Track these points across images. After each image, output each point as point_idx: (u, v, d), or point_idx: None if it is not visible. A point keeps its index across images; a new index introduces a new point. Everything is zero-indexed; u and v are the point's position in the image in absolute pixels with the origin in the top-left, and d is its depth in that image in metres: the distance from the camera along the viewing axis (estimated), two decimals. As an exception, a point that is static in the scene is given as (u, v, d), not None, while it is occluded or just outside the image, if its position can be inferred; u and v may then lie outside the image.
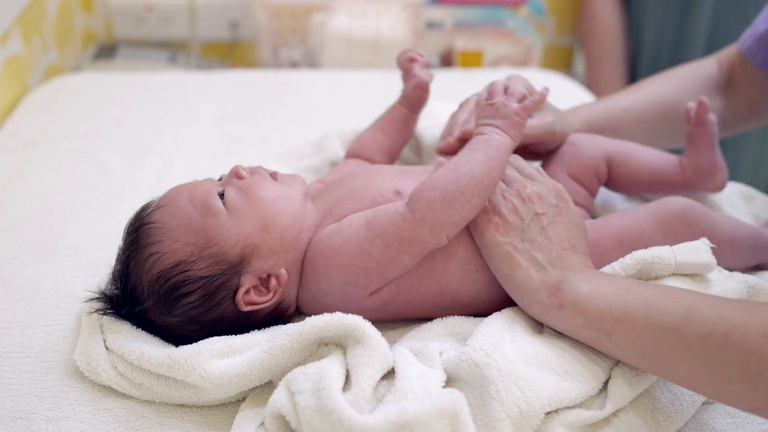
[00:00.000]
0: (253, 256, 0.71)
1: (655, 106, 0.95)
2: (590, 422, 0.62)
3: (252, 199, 0.73)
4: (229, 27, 1.95)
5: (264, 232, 0.71)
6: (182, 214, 0.71)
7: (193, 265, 0.69)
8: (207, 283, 0.69)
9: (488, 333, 0.65)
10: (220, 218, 0.71)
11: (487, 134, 0.73)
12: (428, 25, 1.84)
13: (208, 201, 0.72)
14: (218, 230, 0.70)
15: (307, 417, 0.60)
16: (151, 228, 0.71)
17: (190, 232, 0.70)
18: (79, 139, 1.18)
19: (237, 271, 0.70)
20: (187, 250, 0.69)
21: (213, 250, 0.70)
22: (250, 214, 0.72)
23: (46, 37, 1.54)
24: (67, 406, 0.69)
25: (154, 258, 0.70)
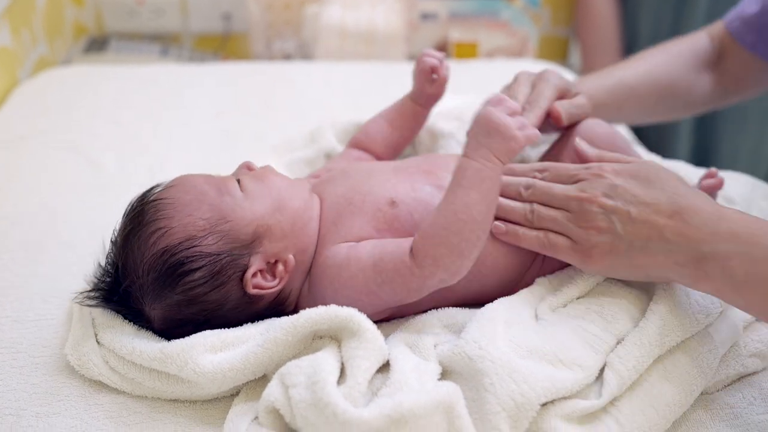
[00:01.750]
0: (265, 237, 0.71)
1: (655, 85, 0.96)
2: (587, 412, 0.62)
3: (267, 183, 0.75)
4: (221, 19, 1.93)
5: (278, 214, 0.72)
6: (197, 190, 0.71)
7: (203, 240, 0.68)
8: (215, 259, 0.68)
9: (482, 325, 0.65)
10: (237, 197, 0.72)
11: (478, 162, 0.68)
12: (423, 16, 1.83)
13: (224, 181, 0.74)
14: (233, 208, 0.71)
15: (301, 410, 0.59)
16: (161, 203, 0.70)
17: (205, 207, 0.70)
18: (69, 133, 1.17)
19: (247, 251, 0.70)
20: (199, 225, 0.69)
21: (226, 227, 0.70)
22: (266, 195, 0.73)
23: (35, 30, 1.52)
24: (57, 402, 0.68)
25: (161, 232, 0.68)
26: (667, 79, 0.97)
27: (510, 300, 0.70)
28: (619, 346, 0.65)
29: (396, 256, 0.68)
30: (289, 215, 0.73)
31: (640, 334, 0.65)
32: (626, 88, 0.94)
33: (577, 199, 0.69)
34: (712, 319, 0.68)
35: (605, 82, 0.94)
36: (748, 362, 0.70)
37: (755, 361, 0.70)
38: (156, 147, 1.15)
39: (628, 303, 0.68)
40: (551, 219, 0.70)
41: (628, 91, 0.94)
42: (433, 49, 0.90)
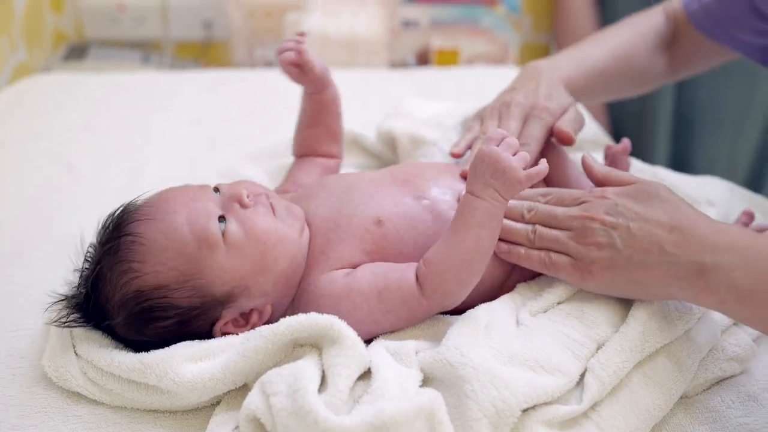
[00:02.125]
0: (242, 296, 0.69)
1: (620, 66, 0.99)
2: (568, 417, 0.62)
3: (253, 240, 0.69)
4: (202, 27, 1.93)
5: (259, 276, 0.69)
6: (177, 237, 0.67)
7: (175, 293, 0.67)
8: (185, 312, 0.67)
9: (463, 331, 0.65)
10: (218, 253, 0.68)
11: (487, 201, 0.68)
12: (404, 23, 1.84)
13: (208, 231, 0.68)
14: (211, 265, 0.67)
15: (282, 419, 0.59)
16: (136, 242, 0.67)
17: (181, 259, 0.67)
18: (47, 140, 1.16)
19: (220, 307, 0.69)
20: (172, 276, 0.67)
21: (199, 283, 0.67)
22: (249, 255, 0.68)
23: (14, 37, 1.51)
24: (35, 414, 0.67)
25: (134, 275, 0.66)
26: (630, 60, 0.99)
27: (491, 306, 0.70)
28: (600, 351, 0.65)
29: (403, 286, 0.68)
30: (272, 277, 0.70)
31: (621, 339, 0.65)
32: (598, 74, 0.96)
33: (578, 218, 0.69)
34: (692, 324, 0.69)
35: (579, 67, 0.95)
36: (726, 366, 0.71)
37: (733, 365, 0.71)
38: (135, 154, 1.14)
39: (609, 309, 0.68)
40: (553, 239, 0.70)
41: (599, 76, 0.97)
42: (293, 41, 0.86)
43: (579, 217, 0.69)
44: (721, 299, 0.63)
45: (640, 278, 0.65)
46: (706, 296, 0.63)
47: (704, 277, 0.63)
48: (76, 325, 0.70)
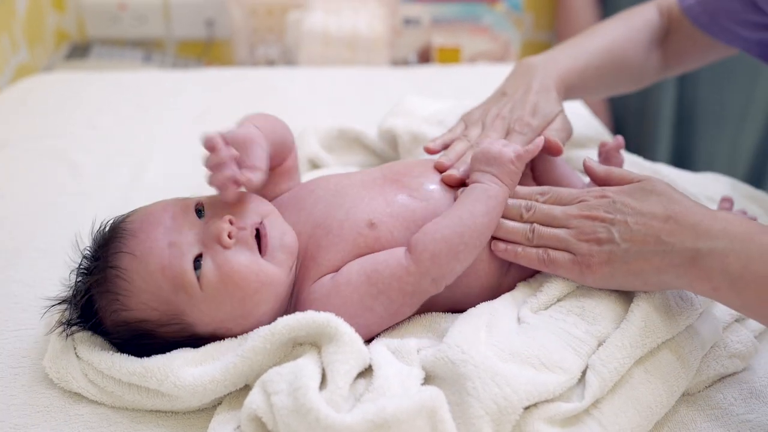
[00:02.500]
0: (227, 334, 0.68)
1: (615, 62, 0.98)
2: (570, 415, 0.62)
3: (230, 287, 0.66)
4: (204, 25, 1.93)
5: (241, 319, 0.67)
6: (151, 281, 0.66)
7: (161, 327, 0.67)
8: (173, 340, 0.68)
9: (463, 329, 0.65)
10: (194, 297, 0.66)
11: (485, 183, 0.72)
12: (405, 21, 1.83)
13: (182, 277, 0.65)
14: (190, 308, 0.66)
15: (283, 417, 0.59)
16: (118, 277, 0.66)
17: (159, 301, 0.66)
18: (50, 139, 1.16)
19: (205, 341, 0.68)
20: (155, 315, 0.67)
21: (184, 320, 0.67)
22: (227, 301, 0.66)
23: (15, 36, 1.51)
24: (36, 413, 0.67)
25: (120, 305, 0.67)
26: (624, 55, 0.99)
27: (492, 304, 0.70)
28: (601, 348, 0.65)
29: (391, 261, 0.68)
30: (254, 319, 0.67)
31: (622, 335, 0.65)
32: (593, 69, 0.96)
33: (577, 217, 0.70)
34: (693, 320, 0.69)
35: (575, 63, 0.95)
36: (728, 363, 0.70)
37: (735, 362, 0.71)
38: (138, 152, 1.14)
39: (609, 305, 0.68)
40: (551, 236, 0.71)
41: (594, 70, 0.96)
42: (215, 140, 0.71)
43: (578, 216, 0.70)
44: (714, 286, 0.63)
45: (637, 269, 0.66)
46: (701, 283, 0.64)
47: (698, 263, 0.63)
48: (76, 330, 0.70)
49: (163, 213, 0.69)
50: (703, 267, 0.63)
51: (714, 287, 0.63)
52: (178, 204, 0.71)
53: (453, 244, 0.68)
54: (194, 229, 0.68)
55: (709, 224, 0.65)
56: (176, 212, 0.69)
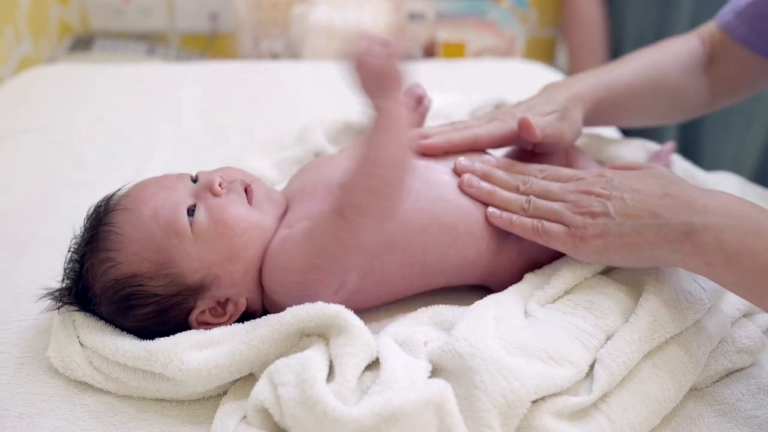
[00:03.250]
0: (213, 285, 0.69)
1: (651, 82, 0.94)
2: (578, 408, 0.61)
3: (220, 227, 0.68)
4: (208, 18, 1.93)
5: (228, 264, 0.69)
6: (144, 227, 0.67)
7: (149, 281, 0.67)
8: (161, 300, 0.68)
9: (472, 322, 0.64)
10: (184, 242, 0.68)
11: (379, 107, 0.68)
12: (410, 16, 1.83)
13: (174, 220, 0.68)
14: (180, 253, 0.67)
15: (290, 409, 0.58)
16: (110, 232, 0.68)
17: (151, 249, 0.67)
18: (54, 131, 1.16)
19: (194, 295, 0.68)
20: (145, 266, 0.67)
21: (172, 271, 0.67)
22: (216, 243, 0.68)
23: (19, 28, 1.50)
24: (41, 402, 0.67)
25: (111, 264, 0.67)
26: (662, 78, 0.95)
27: (499, 296, 0.69)
28: (609, 342, 0.65)
29: (324, 218, 0.67)
30: (242, 265, 0.69)
31: (630, 329, 0.65)
32: (623, 85, 0.92)
33: (574, 192, 0.71)
34: (701, 315, 0.68)
35: (602, 78, 0.92)
36: (736, 358, 0.70)
37: (743, 357, 0.71)
38: (142, 144, 1.14)
39: (618, 299, 0.68)
40: (547, 209, 0.71)
41: (625, 88, 0.92)
42: None
43: (575, 191, 0.71)
44: (708, 261, 0.63)
45: (632, 242, 0.66)
46: (694, 258, 0.64)
47: (693, 238, 0.63)
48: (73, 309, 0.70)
49: (160, 178, 0.73)
50: (697, 241, 0.63)
51: (708, 262, 0.63)
52: (174, 174, 0.75)
53: (375, 189, 0.66)
54: (188, 188, 0.72)
55: (705, 201, 0.65)
56: (171, 177, 0.73)
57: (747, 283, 0.62)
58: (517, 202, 0.73)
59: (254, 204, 0.72)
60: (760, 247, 0.61)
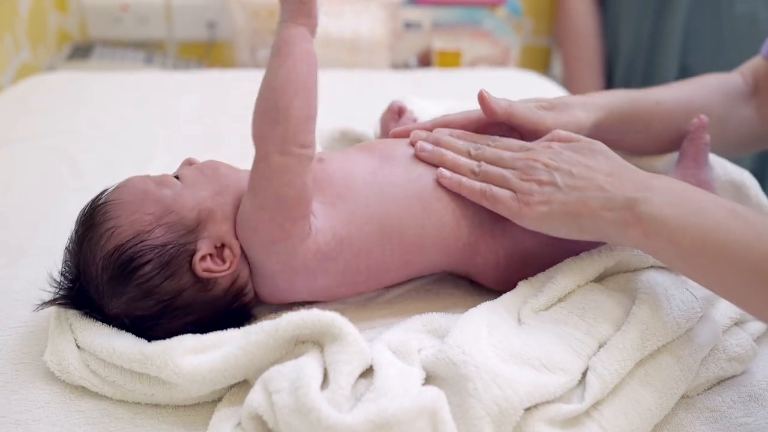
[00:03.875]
0: (209, 221, 0.72)
1: (682, 103, 0.91)
2: (570, 416, 0.62)
3: (205, 170, 0.76)
4: (206, 27, 1.93)
5: (219, 197, 0.73)
6: (139, 188, 0.73)
7: (150, 234, 0.70)
8: (163, 250, 0.70)
9: (465, 329, 0.65)
10: (176, 188, 0.73)
11: (280, 32, 0.71)
12: (406, 25, 1.84)
13: (164, 176, 0.75)
14: (174, 198, 0.72)
15: (285, 416, 0.59)
16: (108, 205, 0.71)
17: (149, 202, 0.71)
18: (52, 138, 1.16)
19: (194, 237, 0.71)
20: (146, 220, 0.70)
21: (170, 218, 0.71)
22: (204, 181, 0.74)
23: (18, 36, 1.51)
24: (37, 409, 0.67)
25: (110, 232, 0.70)
26: (695, 99, 0.91)
27: (493, 304, 0.70)
28: (602, 349, 0.66)
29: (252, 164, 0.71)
30: (230, 196, 0.74)
31: (623, 337, 0.66)
32: (652, 102, 0.89)
33: (523, 159, 0.73)
34: (693, 323, 0.69)
35: (629, 93, 0.89)
36: (727, 366, 0.71)
37: (734, 365, 0.71)
38: (139, 152, 1.14)
39: (610, 307, 0.69)
40: (496, 174, 0.74)
41: (654, 105, 0.89)
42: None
43: (524, 159, 0.73)
44: (647, 232, 0.64)
45: (574, 211, 0.68)
46: (634, 229, 0.65)
47: (635, 210, 0.65)
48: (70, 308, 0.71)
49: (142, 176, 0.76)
50: (638, 213, 0.65)
51: (647, 233, 0.64)
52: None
53: (262, 110, 0.69)
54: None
55: (649, 181, 0.67)
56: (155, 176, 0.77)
57: (685, 256, 0.64)
58: (467, 166, 0.76)
59: None
60: (699, 221, 0.63)
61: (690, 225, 0.63)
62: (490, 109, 0.80)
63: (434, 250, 0.76)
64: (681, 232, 0.63)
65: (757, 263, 0.60)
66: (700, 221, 0.63)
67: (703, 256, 0.62)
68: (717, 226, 0.62)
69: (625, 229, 0.66)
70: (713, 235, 0.62)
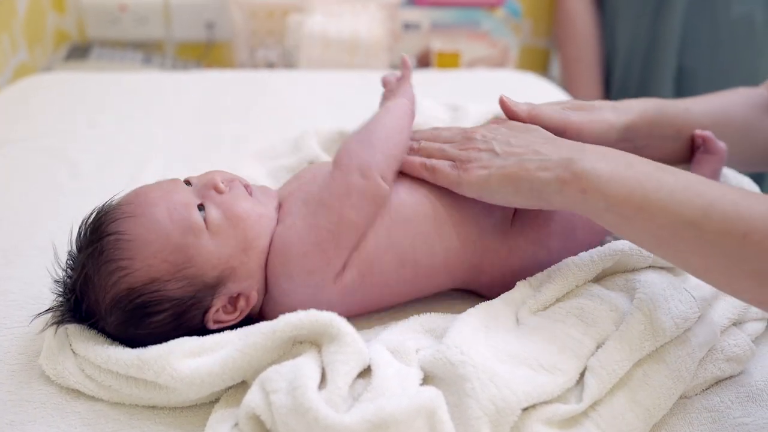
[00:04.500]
0: (230, 279, 0.69)
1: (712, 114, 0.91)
2: (568, 416, 0.62)
3: (234, 220, 0.70)
4: (204, 27, 1.93)
5: (243, 255, 0.70)
6: (160, 228, 0.67)
7: (167, 285, 0.67)
8: (179, 303, 0.68)
9: (462, 330, 0.65)
10: (202, 238, 0.68)
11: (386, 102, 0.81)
12: (405, 26, 1.84)
13: (189, 218, 0.68)
14: (198, 250, 0.68)
15: (282, 417, 0.58)
16: (121, 240, 0.67)
17: (169, 250, 0.67)
18: (49, 138, 1.16)
19: (212, 292, 0.69)
20: (163, 268, 0.67)
21: (190, 272, 0.67)
22: (232, 235, 0.69)
23: (15, 36, 1.51)
24: (33, 410, 0.67)
25: (124, 273, 0.66)
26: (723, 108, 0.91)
27: (490, 304, 0.70)
28: (600, 350, 0.65)
29: (318, 177, 0.74)
30: (255, 254, 0.70)
31: (620, 337, 0.66)
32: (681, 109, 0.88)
33: (461, 133, 0.77)
34: (691, 324, 0.69)
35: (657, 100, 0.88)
36: (725, 366, 0.71)
37: (732, 365, 0.71)
38: (137, 152, 1.14)
39: (608, 307, 0.69)
40: (436, 149, 0.76)
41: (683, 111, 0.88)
42: None
43: (461, 132, 0.77)
44: (583, 187, 0.65)
45: (512, 175, 0.69)
46: (570, 186, 0.66)
47: (570, 167, 0.66)
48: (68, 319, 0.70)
49: (155, 185, 0.73)
50: (574, 169, 0.66)
51: (582, 188, 0.65)
52: (165, 180, 0.75)
53: (364, 137, 0.74)
54: (188, 190, 0.73)
55: (583, 145, 0.69)
56: (166, 182, 0.74)
57: (618, 208, 0.64)
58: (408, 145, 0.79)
59: (254, 197, 0.74)
60: (631, 174, 0.64)
61: (621, 176, 0.64)
62: (512, 112, 0.80)
63: (442, 272, 0.75)
64: (614, 183, 0.64)
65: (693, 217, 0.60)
66: (631, 173, 0.64)
67: (632, 206, 0.63)
68: (647, 176, 0.63)
69: (562, 187, 0.66)
70: (644, 184, 0.63)
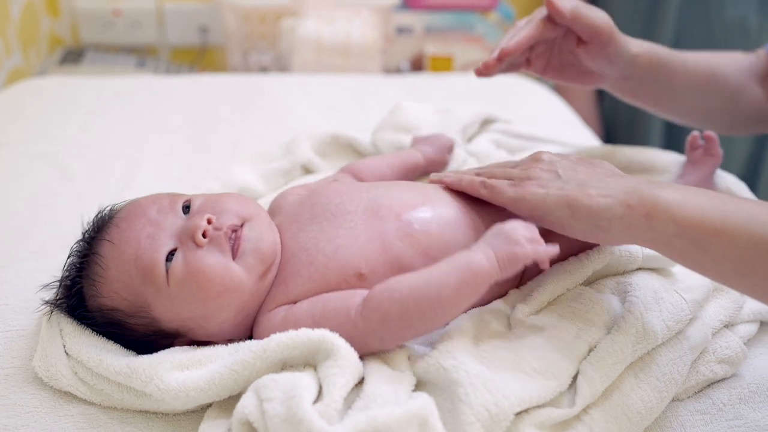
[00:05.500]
0: (189, 334, 0.70)
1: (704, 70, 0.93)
2: (560, 420, 0.62)
3: (194, 284, 0.66)
4: (198, 32, 1.93)
5: (201, 320, 0.68)
6: (124, 270, 0.68)
7: (129, 318, 0.69)
8: (141, 334, 0.70)
9: (455, 336, 0.65)
10: (160, 292, 0.67)
11: (474, 253, 0.64)
12: (398, 30, 1.85)
13: (153, 269, 0.67)
14: (155, 302, 0.68)
15: (275, 425, 0.58)
16: (98, 265, 0.69)
17: (129, 291, 0.68)
18: (43, 142, 1.16)
19: (170, 338, 0.70)
20: (125, 304, 0.69)
21: (148, 316, 0.68)
22: (190, 300, 0.67)
23: (9, 40, 1.51)
24: (26, 414, 0.67)
25: (96, 291, 0.69)
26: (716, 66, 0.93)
27: (483, 309, 0.70)
28: (592, 353, 0.66)
29: (341, 310, 0.65)
30: (215, 323, 0.68)
31: (612, 341, 0.66)
32: (678, 59, 0.91)
33: (530, 157, 0.75)
34: (682, 326, 0.69)
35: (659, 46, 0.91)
36: (717, 368, 0.71)
37: (724, 368, 0.71)
38: (130, 156, 1.14)
39: (600, 310, 0.69)
40: (499, 171, 0.75)
41: (681, 62, 0.90)
42: None
43: (530, 156, 0.75)
44: (647, 211, 0.62)
45: (570, 196, 0.66)
46: (634, 211, 0.63)
47: (636, 193, 0.63)
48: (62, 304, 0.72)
49: (151, 205, 0.72)
50: (639, 194, 0.63)
51: (647, 213, 0.62)
52: (167, 198, 0.73)
53: (407, 310, 0.62)
54: (175, 224, 0.70)
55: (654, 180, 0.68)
56: (163, 206, 0.72)
57: (691, 232, 0.61)
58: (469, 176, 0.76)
59: (238, 256, 0.68)
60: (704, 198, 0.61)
61: (692, 202, 0.61)
62: (559, 10, 0.83)
63: None
64: (686, 207, 0.61)
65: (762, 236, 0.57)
66: (705, 198, 0.62)
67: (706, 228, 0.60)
68: (723, 199, 0.61)
69: (625, 213, 0.63)
70: (722, 206, 0.60)
